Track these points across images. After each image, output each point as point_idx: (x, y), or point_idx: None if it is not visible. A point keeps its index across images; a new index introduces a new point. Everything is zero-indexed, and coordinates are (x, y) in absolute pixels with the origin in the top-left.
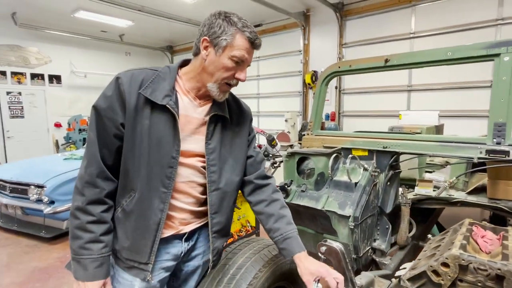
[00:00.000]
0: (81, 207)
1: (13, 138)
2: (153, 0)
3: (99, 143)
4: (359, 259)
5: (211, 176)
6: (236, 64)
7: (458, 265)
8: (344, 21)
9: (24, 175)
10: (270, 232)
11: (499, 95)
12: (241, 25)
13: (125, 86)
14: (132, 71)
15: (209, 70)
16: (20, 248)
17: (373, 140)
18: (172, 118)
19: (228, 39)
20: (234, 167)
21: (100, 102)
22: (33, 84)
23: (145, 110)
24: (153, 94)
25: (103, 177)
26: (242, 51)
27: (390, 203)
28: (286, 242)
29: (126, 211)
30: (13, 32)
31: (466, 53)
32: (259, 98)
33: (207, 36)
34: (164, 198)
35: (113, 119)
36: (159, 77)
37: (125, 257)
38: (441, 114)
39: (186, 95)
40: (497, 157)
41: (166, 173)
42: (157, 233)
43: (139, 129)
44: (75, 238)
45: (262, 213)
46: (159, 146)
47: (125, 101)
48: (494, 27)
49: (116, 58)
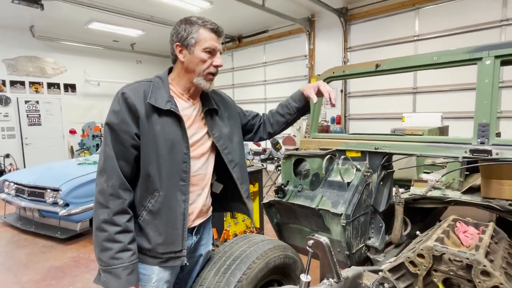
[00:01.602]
0: (108, 219)
1: (31, 145)
2: (162, 10)
3: (117, 156)
4: (352, 255)
5: (228, 157)
6: (209, 54)
7: (432, 255)
8: (349, 25)
9: (41, 180)
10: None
11: (483, 97)
12: (201, 22)
13: (132, 99)
14: (132, 86)
15: (190, 68)
16: (38, 248)
17: (365, 141)
18: (177, 120)
19: (195, 36)
20: (239, 143)
21: (112, 118)
22: (50, 93)
23: (153, 117)
24: (157, 101)
25: (124, 188)
26: (210, 41)
27: (383, 202)
28: (293, 99)
29: (153, 211)
30: (31, 44)
31: (451, 57)
32: (266, 102)
33: (178, 41)
34: (185, 190)
35: (128, 131)
36: (155, 87)
37: (162, 251)
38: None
39: (181, 97)
40: (480, 156)
41: (182, 167)
42: (184, 222)
43: (154, 134)
44: (104, 250)
45: (276, 119)
46: (172, 145)
47: (135, 112)
48: (499, 28)
49: (127, 66)
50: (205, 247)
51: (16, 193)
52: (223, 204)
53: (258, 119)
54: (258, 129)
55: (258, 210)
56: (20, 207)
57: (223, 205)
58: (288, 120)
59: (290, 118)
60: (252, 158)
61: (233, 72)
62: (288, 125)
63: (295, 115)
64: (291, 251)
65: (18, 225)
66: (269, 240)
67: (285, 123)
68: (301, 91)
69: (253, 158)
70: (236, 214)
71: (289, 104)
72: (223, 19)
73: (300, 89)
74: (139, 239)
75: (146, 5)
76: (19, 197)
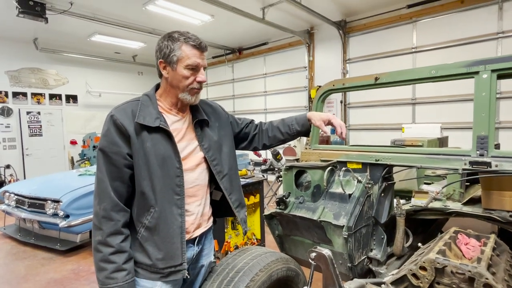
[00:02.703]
0: (102, 240)
1: (32, 156)
2: (164, 23)
3: (110, 179)
4: (354, 267)
5: (216, 168)
6: (192, 71)
7: (434, 268)
8: (347, 37)
9: (41, 191)
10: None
11: (480, 110)
12: (184, 38)
13: (121, 120)
14: (120, 107)
15: (174, 84)
16: (37, 261)
17: (366, 153)
18: (167, 135)
19: (177, 53)
20: (229, 153)
21: (103, 143)
22: (51, 103)
23: (143, 135)
24: (145, 119)
25: (116, 210)
26: (192, 58)
27: (385, 213)
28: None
29: (150, 228)
30: (34, 56)
31: (449, 71)
32: (267, 113)
33: (161, 58)
34: (180, 204)
35: (120, 152)
36: (143, 105)
37: (162, 267)
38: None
39: (170, 112)
40: (480, 168)
41: (176, 182)
42: (182, 235)
43: (144, 152)
44: (100, 270)
45: (274, 135)
46: (163, 161)
47: (125, 133)
48: (495, 40)
49: (129, 78)
50: (207, 258)
51: (16, 204)
52: (223, 210)
53: (253, 128)
54: (253, 138)
55: (259, 221)
56: (19, 219)
57: (223, 211)
58: (286, 139)
59: (289, 138)
60: (253, 169)
61: (234, 83)
62: (284, 142)
63: (295, 137)
64: (294, 264)
65: (18, 236)
66: (271, 253)
67: (282, 141)
68: (307, 117)
69: (254, 169)
70: (237, 226)
71: (291, 125)
72: (224, 31)
73: (307, 114)
74: (140, 255)
75: (148, 18)
76: (19, 208)
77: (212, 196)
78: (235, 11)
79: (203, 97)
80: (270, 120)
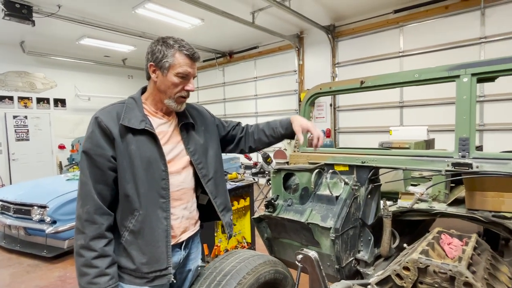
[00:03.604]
0: (84, 244)
1: (18, 161)
2: (154, 26)
3: (93, 181)
4: (342, 269)
5: (201, 171)
6: (182, 79)
7: (417, 268)
8: (336, 42)
9: (27, 196)
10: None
11: (462, 113)
12: (178, 46)
13: (106, 123)
14: (105, 109)
15: (161, 89)
16: (23, 268)
17: (352, 155)
18: (152, 138)
19: (170, 60)
20: (214, 157)
21: (87, 145)
22: (39, 107)
23: (128, 137)
24: (130, 122)
25: (100, 213)
26: (184, 67)
27: (372, 215)
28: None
29: (134, 231)
30: (21, 59)
31: (431, 75)
32: (257, 116)
33: (152, 61)
34: (165, 207)
35: (104, 155)
36: (129, 108)
37: (146, 271)
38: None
39: (155, 115)
40: (462, 169)
41: (161, 185)
42: (167, 239)
43: (129, 154)
44: (82, 275)
45: (260, 137)
46: (149, 164)
47: (110, 135)
48: (478, 45)
49: (119, 81)
50: (194, 262)
51: (1, 210)
52: (210, 214)
53: (239, 130)
54: (240, 140)
55: (250, 224)
56: (4, 225)
57: (210, 215)
58: (271, 142)
59: (274, 141)
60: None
61: (225, 87)
62: (270, 145)
63: (279, 139)
64: (282, 266)
65: (3, 243)
66: (259, 255)
67: (267, 143)
68: (290, 122)
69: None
70: None
71: (276, 128)
72: (214, 35)
73: (290, 118)
74: (124, 259)
75: (138, 21)
76: (4, 215)
77: (198, 200)
78: (225, 15)
79: (194, 101)
80: (256, 123)
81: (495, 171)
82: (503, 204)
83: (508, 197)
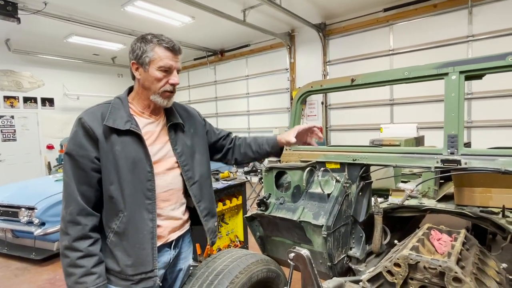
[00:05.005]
0: (68, 245)
1: (5, 161)
2: (144, 24)
3: (76, 183)
4: (334, 266)
5: (187, 174)
6: (165, 72)
7: (407, 264)
8: (327, 40)
9: (15, 198)
10: (258, 149)
11: (450, 110)
12: (157, 40)
13: (89, 123)
14: (90, 110)
15: (146, 85)
16: (10, 271)
17: (343, 153)
18: (138, 138)
19: (149, 55)
20: (201, 160)
21: (70, 146)
22: (26, 107)
23: (112, 138)
24: (115, 122)
25: (83, 214)
26: (164, 60)
27: (363, 212)
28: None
29: (119, 233)
30: (7, 57)
31: (420, 72)
32: (249, 115)
33: (134, 59)
34: (151, 208)
35: (87, 156)
36: (114, 108)
37: (131, 273)
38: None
39: (142, 116)
40: (450, 166)
41: (147, 186)
42: (153, 240)
43: (114, 155)
44: (68, 275)
45: (246, 152)
46: (134, 165)
47: (93, 136)
48: (466, 43)
49: (108, 80)
50: (185, 261)
51: None
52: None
53: (228, 141)
54: (228, 151)
55: (242, 223)
56: None
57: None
58: (256, 158)
59: (259, 157)
60: (236, 171)
61: (216, 85)
62: (255, 160)
63: (265, 156)
64: (274, 265)
65: None
66: (252, 254)
67: (253, 159)
68: (277, 140)
69: (237, 171)
70: (220, 229)
71: (262, 145)
72: (205, 33)
73: (277, 137)
74: (109, 261)
75: (127, 19)
76: None
77: (187, 203)
78: (215, 13)
79: (185, 100)
80: (245, 136)
81: (483, 167)
82: (491, 200)
83: (496, 193)
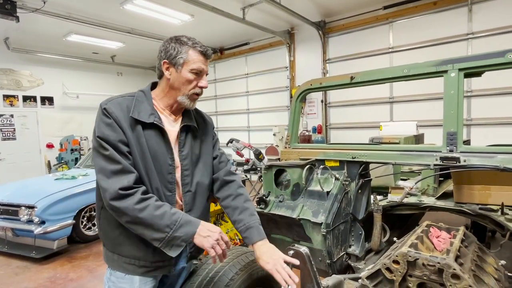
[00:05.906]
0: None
1: (5, 160)
2: (143, 23)
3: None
4: (333, 264)
5: (184, 179)
6: (196, 75)
7: (406, 261)
8: (327, 38)
9: (15, 197)
10: (235, 223)
11: (449, 107)
12: (191, 43)
13: (116, 114)
14: (115, 100)
15: (175, 86)
16: (11, 269)
17: (343, 151)
18: (160, 132)
19: (184, 56)
20: (203, 170)
21: (104, 131)
22: (25, 106)
23: (138, 130)
24: (140, 115)
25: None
26: (197, 63)
27: (362, 210)
28: (248, 231)
29: None
30: (6, 56)
31: (420, 70)
32: (249, 113)
33: (166, 58)
34: (171, 200)
35: (122, 140)
36: (138, 101)
37: (152, 260)
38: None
39: (162, 113)
40: (449, 163)
41: (168, 178)
42: None
43: (140, 147)
44: (159, 218)
45: (228, 206)
46: (157, 157)
47: (120, 126)
48: (466, 41)
49: (108, 78)
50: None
51: None
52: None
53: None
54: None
55: None
56: None
57: None
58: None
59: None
60: (235, 169)
61: (216, 84)
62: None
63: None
64: None
65: None
66: (252, 252)
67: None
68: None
69: (236, 169)
70: (220, 227)
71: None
72: (204, 31)
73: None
74: (132, 248)
75: (127, 17)
76: None
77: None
78: (215, 11)
79: None
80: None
81: (482, 164)
82: (490, 197)
83: (495, 190)
